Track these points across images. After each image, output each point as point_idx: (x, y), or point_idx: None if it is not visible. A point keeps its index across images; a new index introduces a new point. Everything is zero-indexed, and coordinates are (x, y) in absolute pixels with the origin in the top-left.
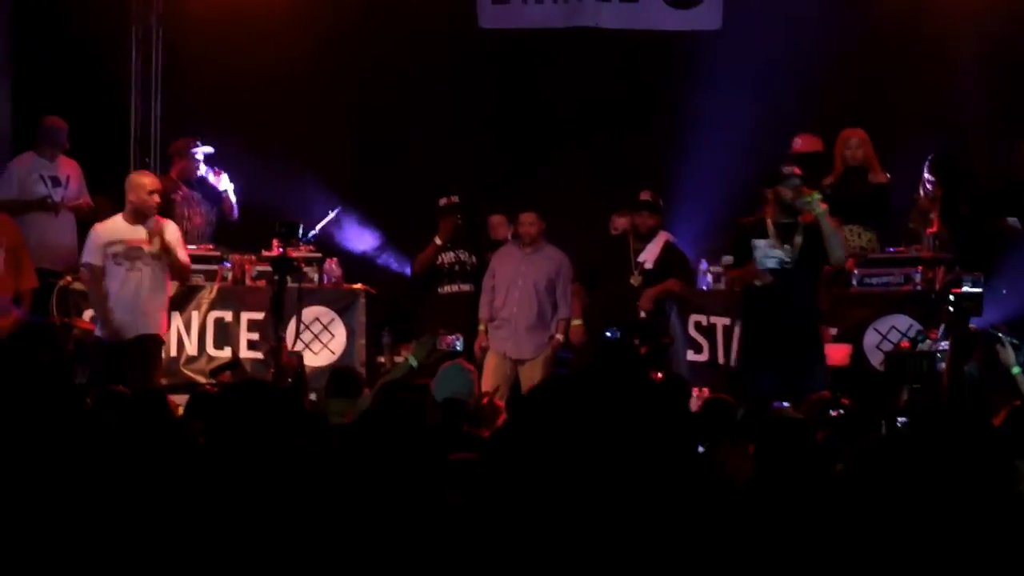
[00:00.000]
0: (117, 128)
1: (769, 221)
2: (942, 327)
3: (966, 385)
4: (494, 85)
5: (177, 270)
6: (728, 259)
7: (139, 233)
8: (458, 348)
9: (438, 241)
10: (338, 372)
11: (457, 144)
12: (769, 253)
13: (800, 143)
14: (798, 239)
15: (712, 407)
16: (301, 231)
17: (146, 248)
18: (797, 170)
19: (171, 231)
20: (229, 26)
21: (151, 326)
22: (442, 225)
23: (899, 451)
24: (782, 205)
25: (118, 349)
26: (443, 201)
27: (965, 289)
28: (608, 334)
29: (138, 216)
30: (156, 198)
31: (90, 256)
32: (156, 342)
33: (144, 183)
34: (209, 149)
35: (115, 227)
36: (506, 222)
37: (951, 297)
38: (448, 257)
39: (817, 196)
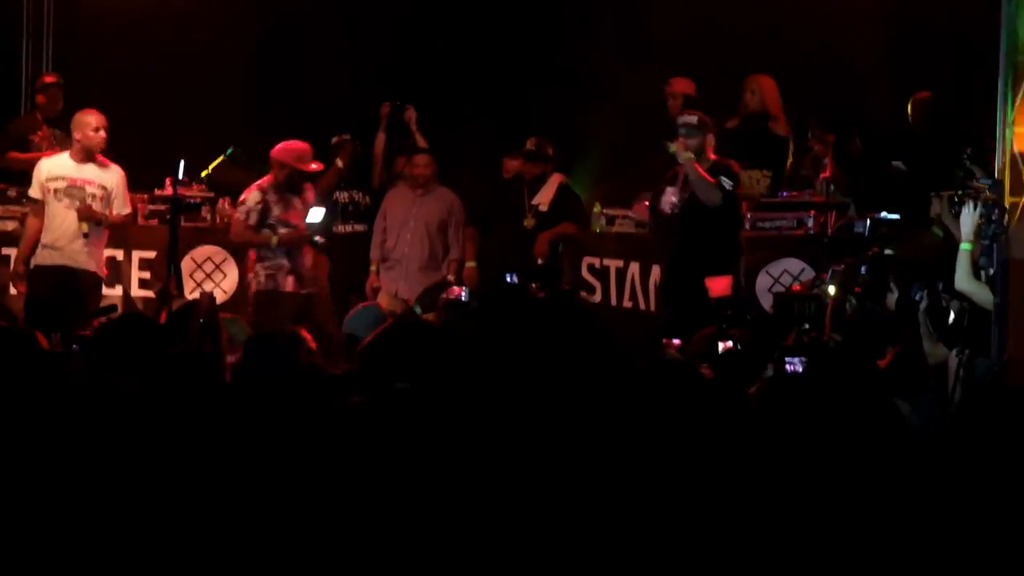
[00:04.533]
0: (8, 72)
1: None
2: (830, 270)
3: (861, 322)
4: (387, 28)
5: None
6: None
7: (84, 172)
8: (463, 299)
9: (339, 163)
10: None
11: (352, 88)
12: (669, 198)
13: (673, 82)
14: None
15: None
16: (184, 171)
17: (88, 188)
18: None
19: (116, 176)
20: None
21: (89, 263)
22: (340, 154)
23: (785, 394)
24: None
25: (52, 284)
26: (335, 139)
27: (883, 215)
28: (508, 278)
29: (85, 154)
30: (102, 135)
31: (32, 190)
32: (95, 279)
33: (89, 121)
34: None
35: (60, 163)
36: (431, 161)
37: (867, 224)
38: (343, 196)
39: (673, 149)
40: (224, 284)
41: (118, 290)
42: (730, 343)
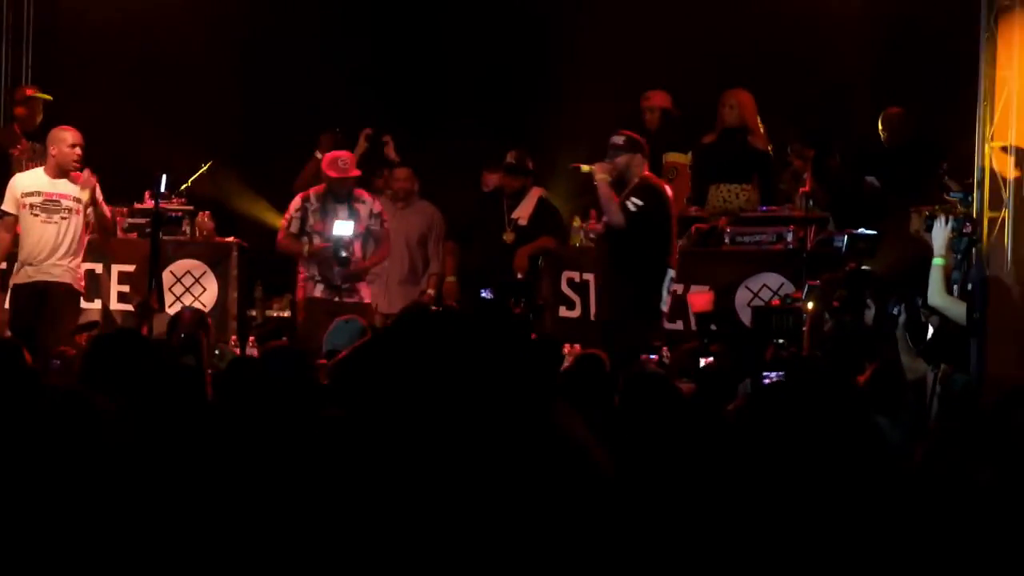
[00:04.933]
0: None
1: None
2: (806, 285)
3: (839, 337)
4: (369, 40)
5: (102, 223)
6: None
7: (58, 187)
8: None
9: (318, 155)
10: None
11: (334, 99)
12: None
13: (651, 96)
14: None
15: (583, 363)
16: (166, 184)
17: (64, 202)
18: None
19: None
20: None
21: (65, 276)
22: (322, 140)
23: (763, 410)
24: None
25: (31, 300)
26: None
27: (860, 231)
28: (483, 294)
29: (59, 170)
30: (78, 151)
31: (6, 205)
32: (71, 293)
33: (65, 137)
34: (47, 97)
35: (35, 179)
36: (412, 175)
37: (845, 239)
38: None
39: (587, 169)
40: (203, 298)
41: (97, 304)
42: (711, 359)
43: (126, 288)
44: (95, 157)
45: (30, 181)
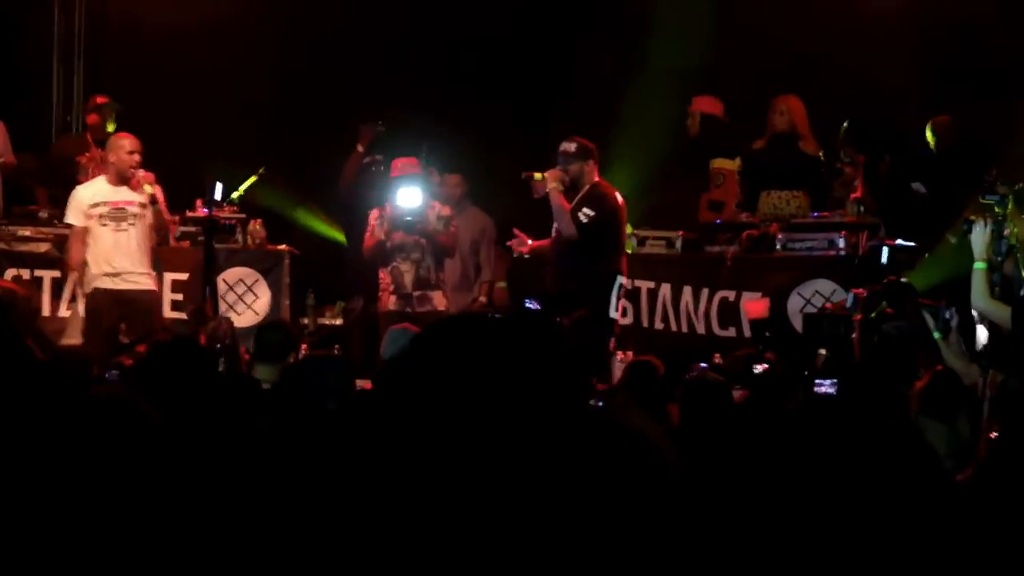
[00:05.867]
0: (40, 89)
1: None
2: (851, 294)
3: (886, 346)
4: (418, 46)
5: (162, 226)
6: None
7: (122, 194)
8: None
9: (359, 148)
10: (261, 334)
11: (383, 106)
12: None
13: (695, 100)
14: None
15: (637, 369)
16: (221, 192)
17: (130, 208)
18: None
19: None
20: None
21: (148, 283)
22: (362, 134)
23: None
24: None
25: (113, 308)
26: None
27: (899, 242)
28: (528, 305)
29: (120, 177)
30: (136, 158)
31: (73, 217)
32: (156, 299)
33: (123, 144)
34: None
35: (98, 189)
36: (462, 180)
37: (885, 249)
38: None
39: (539, 177)
40: (256, 306)
41: None
42: (766, 365)
43: (179, 296)
44: (147, 166)
45: (93, 191)
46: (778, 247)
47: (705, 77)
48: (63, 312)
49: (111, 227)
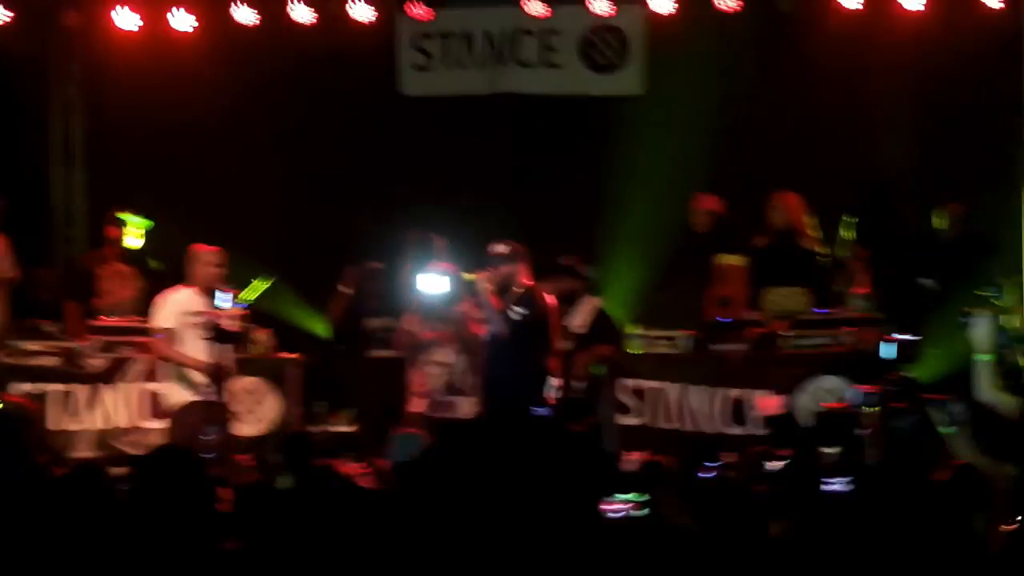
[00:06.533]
0: (40, 199)
1: None
2: (854, 390)
3: (898, 443)
4: (419, 150)
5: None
6: None
7: (206, 306)
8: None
9: (344, 289)
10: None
11: (383, 209)
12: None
13: (701, 199)
14: None
15: (647, 471)
16: (228, 299)
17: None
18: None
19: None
20: (150, 93)
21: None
22: (348, 274)
23: (836, 514)
24: None
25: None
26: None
27: (904, 336)
28: (538, 412)
29: (206, 288)
30: (217, 270)
31: (166, 321)
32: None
33: (205, 255)
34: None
35: (189, 299)
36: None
37: (885, 345)
38: (376, 323)
39: (471, 279)
40: (263, 414)
41: (159, 423)
42: (779, 462)
43: None
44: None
45: (186, 299)
46: (785, 344)
47: (708, 173)
48: (71, 426)
49: (201, 335)
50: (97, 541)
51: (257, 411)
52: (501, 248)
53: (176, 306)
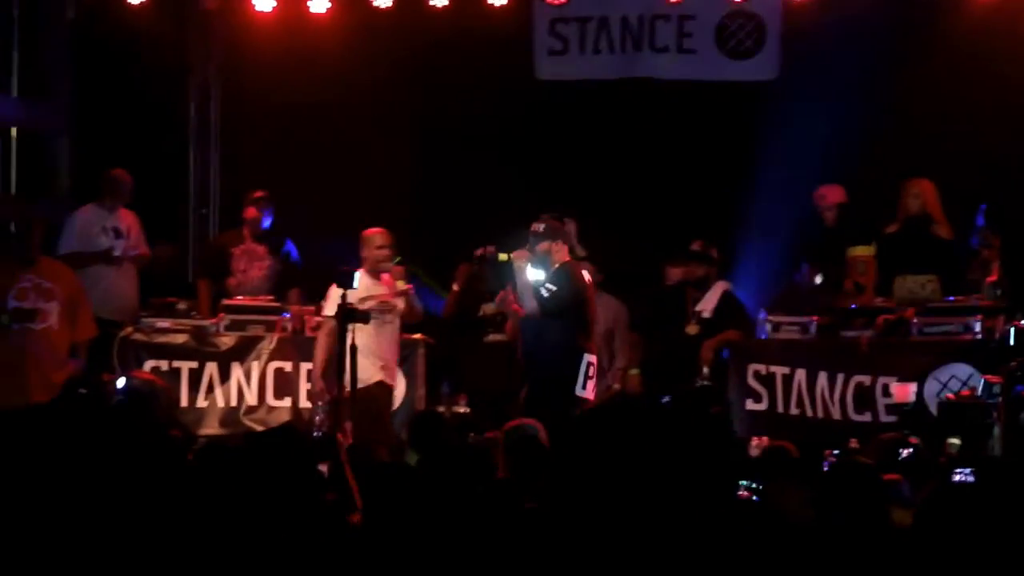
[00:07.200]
0: (175, 178)
1: None
2: (981, 380)
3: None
4: (550, 135)
5: (412, 312)
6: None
7: (381, 288)
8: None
9: (455, 287)
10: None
11: (514, 194)
12: None
13: (826, 194)
14: None
15: (772, 455)
16: (359, 280)
17: (391, 302)
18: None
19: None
20: (286, 75)
21: (390, 377)
22: (459, 272)
23: (959, 504)
24: None
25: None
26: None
27: None
28: (663, 400)
29: (375, 270)
30: (386, 251)
31: (330, 309)
32: (391, 392)
33: (373, 239)
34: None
35: (362, 284)
36: (595, 270)
37: (1012, 331)
38: (490, 308)
39: (504, 258)
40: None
41: (286, 402)
42: (910, 449)
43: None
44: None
45: (362, 287)
46: (914, 332)
47: (837, 163)
48: (201, 403)
49: (377, 321)
50: (226, 515)
51: None
52: (537, 226)
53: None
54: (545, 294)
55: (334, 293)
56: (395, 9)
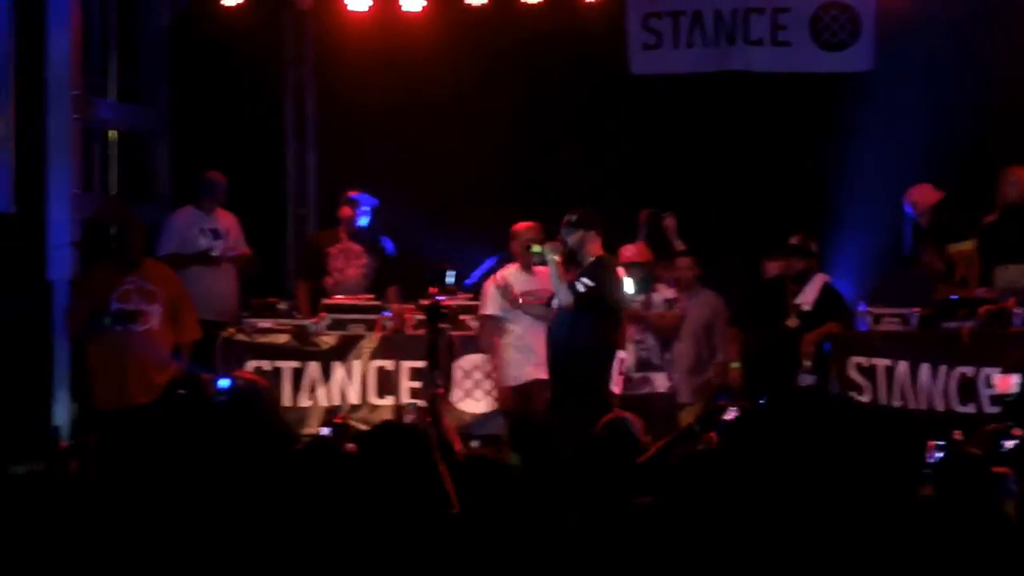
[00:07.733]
0: (273, 178)
1: None
2: None
3: None
4: (646, 130)
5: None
6: None
7: (532, 283)
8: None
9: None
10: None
11: (610, 189)
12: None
13: (917, 200)
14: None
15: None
16: (454, 278)
17: (544, 294)
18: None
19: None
20: (381, 74)
21: (542, 371)
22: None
23: None
24: None
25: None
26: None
27: None
28: (761, 401)
29: (525, 264)
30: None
31: (492, 308)
32: (546, 387)
33: (520, 233)
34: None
35: (517, 278)
36: (694, 263)
37: None
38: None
39: (538, 249)
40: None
41: (389, 400)
42: (1015, 441)
43: (417, 384)
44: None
45: (517, 281)
46: (1016, 322)
47: (933, 153)
48: (303, 403)
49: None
50: (331, 512)
51: (483, 387)
52: (571, 216)
53: (509, 290)
54: (581, 289)
55: (491, 291)
56: (489, 7)
